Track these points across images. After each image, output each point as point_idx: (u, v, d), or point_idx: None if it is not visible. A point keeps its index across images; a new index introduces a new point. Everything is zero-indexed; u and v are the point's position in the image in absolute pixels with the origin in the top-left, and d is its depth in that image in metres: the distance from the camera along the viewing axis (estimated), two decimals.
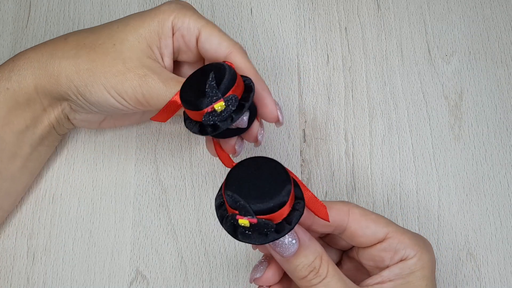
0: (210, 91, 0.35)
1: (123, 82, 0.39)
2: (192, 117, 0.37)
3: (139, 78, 0.38)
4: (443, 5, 0.53)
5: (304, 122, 0.49)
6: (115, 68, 0.39)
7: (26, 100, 0.41)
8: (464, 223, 0.46)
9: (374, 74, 0.51)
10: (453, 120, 0.49)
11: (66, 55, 0.40)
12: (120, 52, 0.39)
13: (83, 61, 0.39)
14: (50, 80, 0.40)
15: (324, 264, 0.34)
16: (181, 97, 0.37)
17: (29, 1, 0.53)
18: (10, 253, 0.45)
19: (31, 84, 0.40)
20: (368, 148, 0.48)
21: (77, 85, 0.39)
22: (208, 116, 0.35)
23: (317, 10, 0.53)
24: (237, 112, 0.36)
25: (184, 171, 0.48)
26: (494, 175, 0.47)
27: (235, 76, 0.36)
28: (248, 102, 0.36)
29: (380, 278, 0.36)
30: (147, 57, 0.40)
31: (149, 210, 0.46)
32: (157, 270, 0.45)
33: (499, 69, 0.51)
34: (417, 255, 0.36)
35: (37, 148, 0.43)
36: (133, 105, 0.40)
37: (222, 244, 0.45)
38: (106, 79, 0.39)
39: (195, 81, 0.37)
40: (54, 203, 0.46)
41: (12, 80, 0.40)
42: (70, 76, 0.39)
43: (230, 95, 0.35)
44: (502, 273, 0.45)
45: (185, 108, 0.37)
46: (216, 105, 0.35)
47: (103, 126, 0.46)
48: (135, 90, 0.39)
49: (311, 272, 0.34)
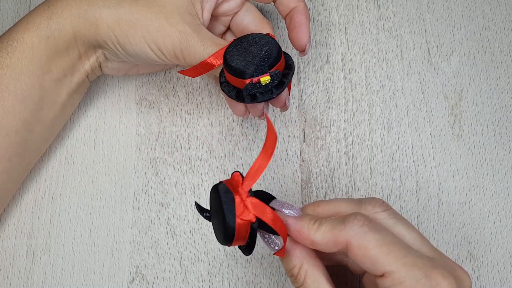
0: (260, 64, 0.37)
1: (164, 37, 0.40)
2: (232, 82, 0.39)
3: (180, 34, 0.40)
4: (442, 5, 0.53)
5: (304, 121, 0.49)
6: (157, 22, 0.40)
7: (65, 48, 0.41)
8: (464, 223, 0.46)
9: (374, 73, 0.51)
10: (452, 119, 0.49)
11: (107, 4, 0.40)
12: (163, 6, 0.40)
13: (125, 12, 0.40)
14: (90, 28, 0.40)
15: (302, 274, 0.35)
16: (226, 62, 0.38)
17: (29, 1, 0.53)
18: (9, 253, 0.45)
19: (70, 31, 0.41)
20: (368, 147, 0.48)
21: (118, 35, 0.40)
22: (251, 86, 0.37)
23: (317, 10, 0.53)
24: (277, 87, 0.38)
25: (184, 171, 0.47)
26: (494, 175, 0.47)
27: (281, 53, 0.39)
28: (287, 79, 0.38)
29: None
30: (187, 13, 0.40)
31: (148, 210, 0.46)
32: (157, 270, 0.45)
33: (498, 69, 0.51)
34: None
35: (72, 95, 0.44)
36: (169, 59, 0.41)
37: None
38: (148, 33, 0.40)
39: (242, 49, 0.39)
40: (54, 203, 0.46)
41: (52, 28, 0.41)
42: (111, 26, 0.40)
43: (276, 71, 0.38)
44: (501, 273, 0.45)
45: (229, 73, 0.38)
46: (262, 78, 0.37)
47: (129, 73, 0.47)
48: (174, 46, 0.40)
49: (291, 276, 0.35)
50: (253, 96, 0.38)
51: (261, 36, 0.39)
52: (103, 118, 0.49)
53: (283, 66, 0.39)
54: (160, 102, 0.50)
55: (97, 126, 0.49)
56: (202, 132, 0.49)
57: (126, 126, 0.49)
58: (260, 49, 0.38)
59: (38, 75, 0.41)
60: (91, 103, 0.49)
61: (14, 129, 0.41)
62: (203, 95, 0.50)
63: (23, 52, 0.40)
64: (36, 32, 0.41)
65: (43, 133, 0.43)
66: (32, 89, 0.41)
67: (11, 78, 0.40)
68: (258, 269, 0.45)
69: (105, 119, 0.49)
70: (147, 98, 0.50)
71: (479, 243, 0.46)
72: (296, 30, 0.43)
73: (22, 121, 0.41)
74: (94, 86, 0.50)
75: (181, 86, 0.50)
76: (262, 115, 0.43)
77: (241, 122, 0.49)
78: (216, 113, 0.49)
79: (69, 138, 0.48)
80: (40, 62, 0.41)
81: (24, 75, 0.40)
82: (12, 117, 0.40)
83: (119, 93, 0.50)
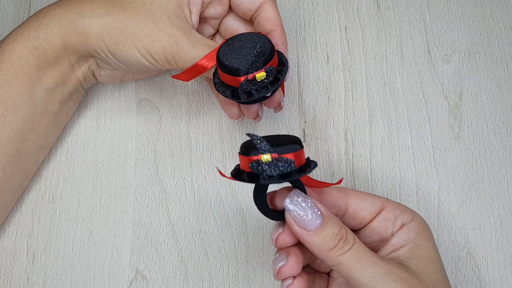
0: (255, 60, 0.37)
1: (154, 42, 0.39)
2: (226, 81, 0.39)
3: (170, 38, 0.39)
4: (443, 5, 0.53)
5: (304, 122, 0.49)
6: (146, 28, 0.39)
7: (55, 58, 0.41)
8: (464, 223, 0.46)
9: (374, 74, 0.51)
10: (453, 120, 0.49)
11: (95, 13, 0.40)
12: (151, 12, 0.40)
13: (113, 20, 0.40)
14: (79, 38, 0.41)
15: (350, 232, 0.34)
16: (220, 61, 0.38)
17: (29, 1, 0.53)
18: (10, 253, 0.45)
19: (60, 42, 0.41)
20: (368, 148, 0.48)
21: (108, 44, 0.40)
22: (246, 83, 0.37)
23: (317, 10, 0.53)
24: (273, 84, 0.38)
25: (184, 171, 0.48)
26: (494, 175, 0.47)
27: (274, 50, 0.39)
28: (282, 75, 0.38)
29: (392, 247, 0.36)
30: (176, 17, 0.40)
31: (149, 210, 0.46)
32: (157, 270, 0.45)
33: (499, 69, 0.51)
34: (414, 218, 0.37)
35: (66, 103, 0.44)
36: (161, 64, 0.41)
37: (222, 244, 0.45)
38: (137, 39, 0.40)
39: (235, 47, 0.39)
40: (54, 203, 0.46)
41: (41, 39, 0.41)
42: (100, 35, 0.40)
43: (270, 67, 0.38)
44: (501, 273, 0.45)
45: (223, 73, 0.38)
46: (258, 74, 0.37)
47: (124, 79, 0.47)
48: (165, 50, 0.40)
49: (340, 240, 0.34)
50: (249, 93, 0.38)
51: (253, 34, 0.39)
52: (103, 118, 0.49)
53: (276, 63, 0.39)
54: (160, 102, 0.50)
55: (97, 126, 0.49)
56: (202, 132, 0.49)
57: (126, 126, 0.49)
58: (253, 46, 0.38)
59: (27, 85, 0.41)
60: (91, 103, 0.49)
61: (6, 138, 0.41)
62: (203, 96, 0.50)
63: (12, 63, 0.40)
64: (24, 43, 0.41)
65: (38, 141, 0.44)
66: (22, 99, 0.41)
67: (0, 89, 0.40)
68: (258, 269, 0.45)
69: (105, 119, 0.49)
70: (147, 98, 0.50)
71: (479, 243, 0.46)
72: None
73: (14, 131, 0.41)
74: (94, 86, 0.50)
75: (181, 86, 0.50)
76: (257, 117, 0.43)
77: (241, 123, 0.49)
78: (216, 113, 0.49)
79: (69, 138, 0.48)
80: (29, 72, 0.41)
81: (14, 86, 0.41)
82: (3, 126, 0.41)
83: (119, 93, 0.50)
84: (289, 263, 0.35)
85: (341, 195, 0.37)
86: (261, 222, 0.46)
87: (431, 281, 0.34)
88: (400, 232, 0.37)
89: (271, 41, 0.39)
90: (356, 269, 0.33)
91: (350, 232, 0.34)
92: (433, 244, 0.37)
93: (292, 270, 0.36)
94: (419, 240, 0.36)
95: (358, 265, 0.33)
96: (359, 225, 0.38)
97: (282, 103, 0.43)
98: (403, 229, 0.37)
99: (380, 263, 0.33)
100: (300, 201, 0.34)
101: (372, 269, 0.33)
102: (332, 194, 0.37)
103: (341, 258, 0.33)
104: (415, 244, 0.36)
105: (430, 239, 0.37)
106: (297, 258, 0.36)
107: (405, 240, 0.36)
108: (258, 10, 0.43)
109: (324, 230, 0.34)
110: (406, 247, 0.36)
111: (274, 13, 0.43)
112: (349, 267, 0.33)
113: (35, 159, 0.45)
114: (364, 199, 0.38)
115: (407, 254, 0.36)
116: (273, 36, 0.42)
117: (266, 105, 0.43)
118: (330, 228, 0.34)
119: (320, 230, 0.34)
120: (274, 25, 0.43)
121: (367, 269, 0.33)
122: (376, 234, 0.38)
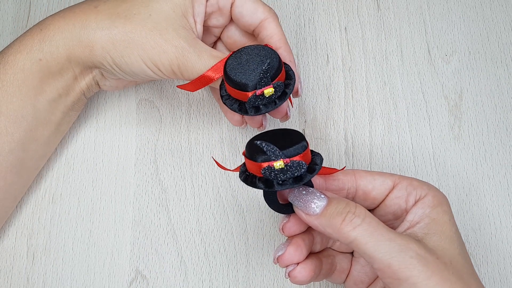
0: (263, 76, 0.37)
1: (160, 54, 0.39)
2: (234, 95, 0.39)
3: (176, 50, 0.39)
4: (443, 5, 0.53)
5: (304, 122, 0.49)
6: (152, 40, 0.39)
7: (58, 70, 0.41)
8: (464, 223, 0.46)
9: (374, 74, 0.51)
10: (453, 120, 0.49)
11: (100, 25, 0.40)
12: (157, 23, 0.40)
13: (119, 32, 0.40)
14: (84, 50, 0.40)
15: (360, 207, 0.34)
16: (228, 76, 0.38)
17: (29, 1, 0.53)
18: (10, 253, 0.45)
19: (64, 54, 0.41)
20: (368, 148, 0.48)
21: (113, 56, 0.40)
22: (254, 98, 0.37)
23: (317, 10, 0.53)
24: (280, 98, 0.38)
25: (184, 171, 0.48)
26: (494, 175, 0.47)
27: (281, 64, 0.38)
28: (289, 89, 0.38)
29: (408, 223, 0.36)
30: (182, 28, 0.40)
31: (149, 210, 0.46)
32: (157, 270, 0.45)
33: (499, 69, 0.51)
34: (430, 192, 0.36)
35: (68, 113, 0.44)
36: (167, 75, 0.41)
37: (222, 244, 0.46)
38: (143, 51, 0.39)
39: (242, 61, 0.38)
40: (54, 203, 0.46)
41: (45, 51, 0.40)
42: (105, 47, 0.40)
43: (278, 82, 0.37)
44: (501, 273, 0.45)
45: (230, 87, 0.38)
46: (266, 90, 0.37)
47: (127, 86, 0.47)
48: (171, 62, 0.39)
49: (348, 213, 0.34)
50: (257, 108, 0.38)
51: (260, 47, 0.39)
52: (103, 118, 0.49)
53: (284, 77, 0.39)
54: (160, 102, 0.50)
55: (97, 126, 0.49)
56: (202, 132, 0.49)
57: (126, 126, 0.49)
58: (261, 61, 0.38)
59: (30, 96, 0.41)
60: (91, 103, 0.49)
61: (7, 149, 0.41)
62: (203, 96, 0.50)
63: (15, 74, 0.40)
64: (28, 54, 0.40)
65: (39, 150, 0.43)
66: (24, 110, 0.41)
67: (2, 100, 0.40)
68: (258, 269, 0.45)
69: (105, 119, 0.49)
70: (147, 98, 0.50)
71: (479, 243, 0.46)
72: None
73: (16, 142, 0.41)
74: None
75: None
76: (261, 126, 0.43)
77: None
78: (216, 114, 0.49)
79: (69, 138, 0.48)
80: (32, 84, 0.41)
81: (16, 97, 0.40)
82: (5, 138, 0.40)
83: (119, 93, 0.50)
84: (287, 252, 0.36)
85: (348, 178, 0.37)
86: (261, 222, 0.46)
87: (447, 258, 0.33)
88: (415, 208, 0.36)
89: (278, 55, 0.38)
90: (371, 245, 0.32)
91: (360, 207, 0.34)
92: (450, 218, 0.36)
93: (292, 258, 0.36)
94: (435, 214, 0.35)
95: (373, 241, 0.32)
96: (372, 205, 0.38)
97: (289, 113, 0.42)
98: (418, 205, 0.36)
99: (396, 239, 0.33)
100: (301, 190, 0.35)
101: (387, 244, 0.32)
102: (338, 179, 0.37)
103: (353, 233, 0.33)
104: (431, 219, 0.35)
105: (447, 213, 0.36)
106: (297, 247, 0.36)
107: (421, 216, 0.35)
108: (260, 27, 0.42)
109: (329, 208, 0.34)
110: (422, 222, 0.35)
111: (277, 30, 0.42)
112: (364, 243, 0.32)
113: (36, 167, 0.45)
114: (374, 179, 0.37)
115: (424, 230, 0.35)
116: (279, 54, 0.41)
117: (272, 115, 0.43)
118: (335, 205, 0.34)
119: (325, 209, 0.34)
120: (278, 42, 0.42)
121: (382, 244, 0.32)
122: (390, 213, 0.37)
